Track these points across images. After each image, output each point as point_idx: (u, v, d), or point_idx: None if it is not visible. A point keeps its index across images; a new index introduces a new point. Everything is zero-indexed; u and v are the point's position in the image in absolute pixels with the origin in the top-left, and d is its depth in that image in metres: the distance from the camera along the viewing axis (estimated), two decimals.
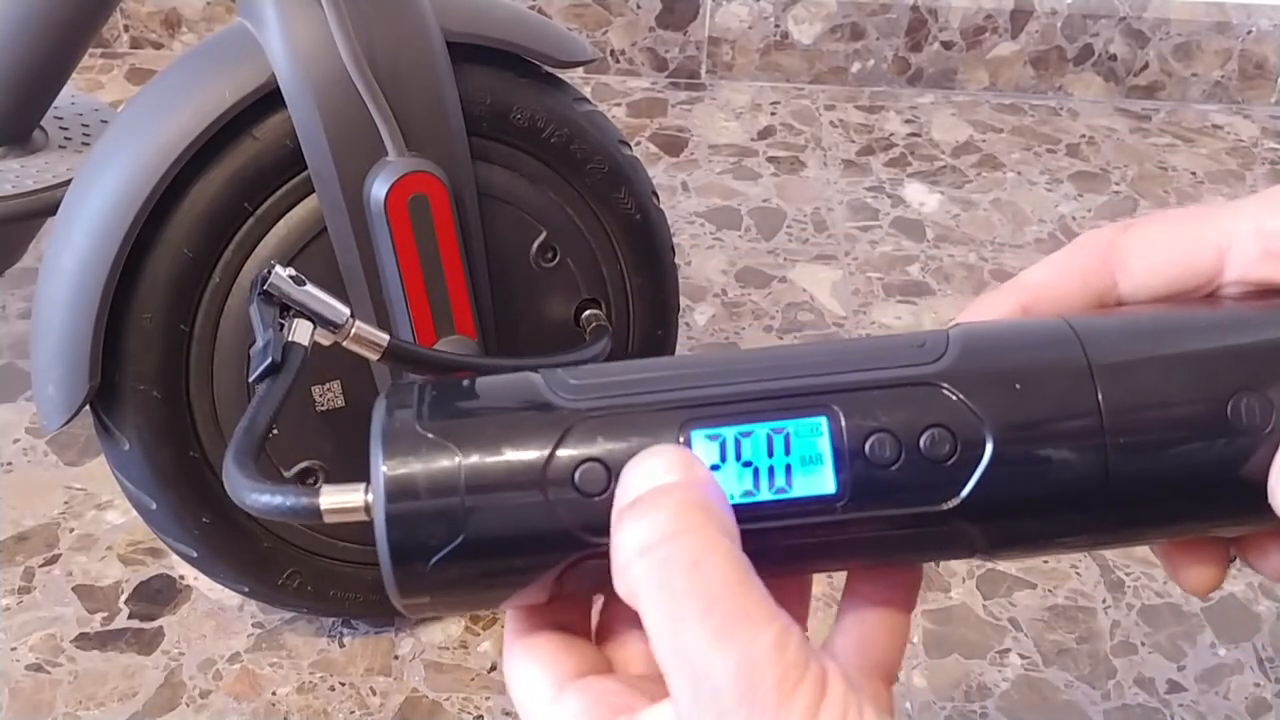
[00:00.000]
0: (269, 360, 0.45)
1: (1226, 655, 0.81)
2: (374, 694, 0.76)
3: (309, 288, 0.50)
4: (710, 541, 0.27)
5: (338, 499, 0.32)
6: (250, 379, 0.45)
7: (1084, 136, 1.42)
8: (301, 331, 0.49)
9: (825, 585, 0.82)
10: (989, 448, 0.30)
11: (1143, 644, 0.81)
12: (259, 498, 0.34)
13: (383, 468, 0.30)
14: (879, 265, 1.18)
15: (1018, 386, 0.31)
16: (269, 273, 0.50)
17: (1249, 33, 1.46)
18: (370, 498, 0.31)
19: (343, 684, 0.77)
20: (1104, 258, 0.35)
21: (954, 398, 0.31)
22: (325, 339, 0.52)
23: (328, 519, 0.32)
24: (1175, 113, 1.49)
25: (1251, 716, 0.77)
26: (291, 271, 0.50)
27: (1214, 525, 0.33)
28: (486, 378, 0.33)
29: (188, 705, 0.75)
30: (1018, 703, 0.77)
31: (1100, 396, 0.31)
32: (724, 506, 0.29)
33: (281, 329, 0.48)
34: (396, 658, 0.78)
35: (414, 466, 0.30)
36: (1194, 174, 1.36)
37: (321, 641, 0.79)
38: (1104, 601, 0.84)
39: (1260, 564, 0.34)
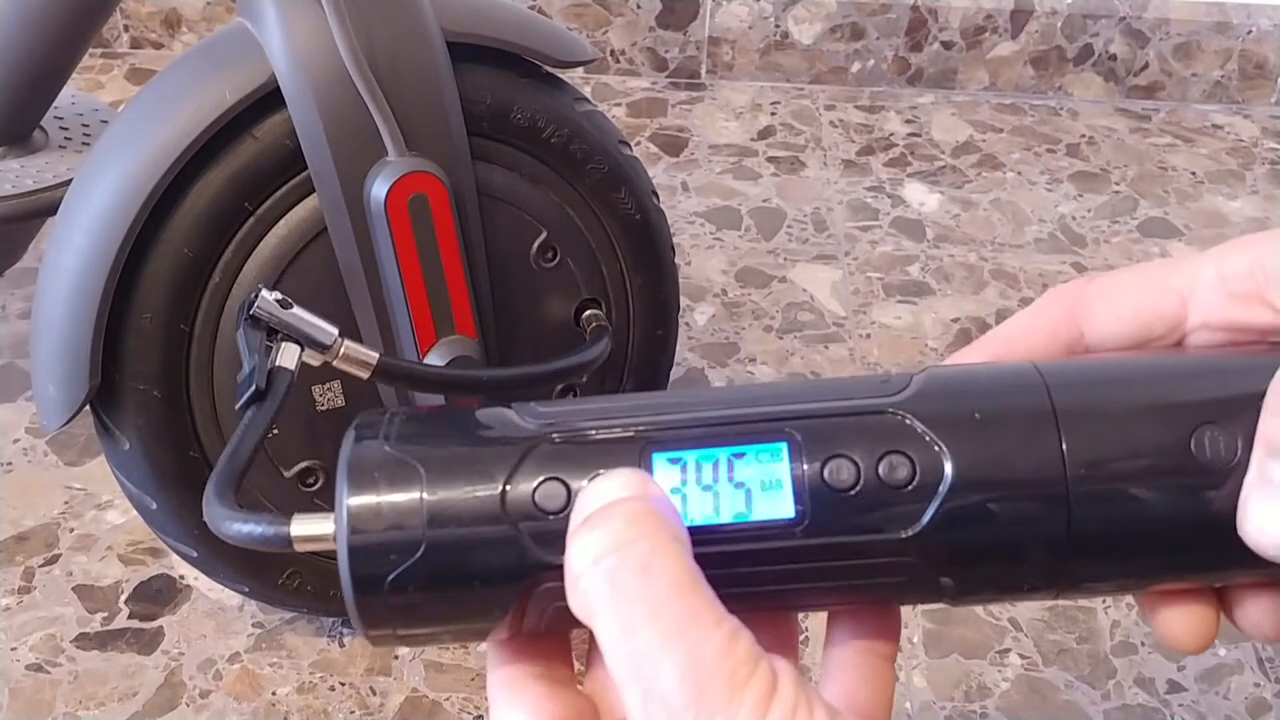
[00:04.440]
0: (253, 388, 0.45)
1: (1226, 655, 0.81)
2: (374, 694, 0.76)
3: (296, 310, 0.50)
4: (659, 547, 0.27)
5: (308, 529, 0.32)
6: (235, 406, 0.45)
7: (1084, 136, 1.42)
8: (288, 355, 0.49)
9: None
10: (948, 474, 0.30)
11: (1143, 644, 0.81)
12: (233, 526, 0.34)
13: (346, 500, 0.30)
14: (879, 265, 1.18)
15: (977, 416, 0.31)
16: (255, 296, 0.50)
17: (1249, 33, 1.46)
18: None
19: (343, 684, 0.77)
20: (1070, 309, 0.36)
21: (914, 426, 0.31)
22: (314, 359, 0.52)
23: (298, 548, 0.32)
24: (1175, 113, 1.49)
25: (1251, 716, 0.77)
26: (278, 295, 0.50)
27: (1186, 569, 0.32)
28: (456, 408, 0.34)
29: (188, 705, 0.75)
30: (1018, 703, 0.77)
31: (1059, 423, 0.31)
32: (676, 518, 0.29)
33: (268, 353, 0.48)
34: (396, 658, 0.78)
35: (377, 497, 0.30)
36: (1194, 174, 1.36)
37: (321, 641, 0.79)
38: (1104, 601, 0.84)
39: (1239, 618, 0.34)
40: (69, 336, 0.62)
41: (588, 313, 0.73)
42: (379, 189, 0.62)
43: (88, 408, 0.64)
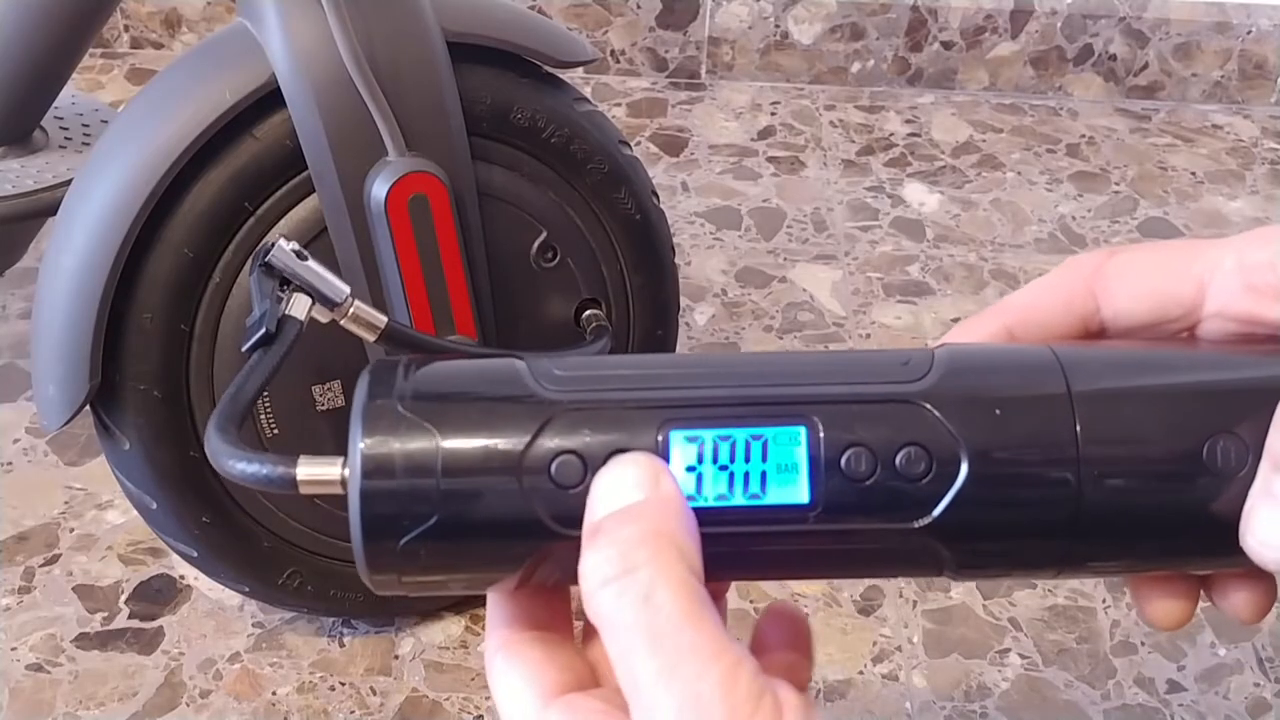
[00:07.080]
0: (263, 331, 0.45)
1: (1226, 655, 0.81)
2: (374, 694, 0.76)
3: (311, 263, 0.51)
4: (663, 573, 0.27)
5: (314, 471, 0.32)
6: (243, 348, 0.45)
7: (1084, 136, 1.42)
8: (299, 306, 0.49)
9: (824, 585, 0.82)
10: (964, 469, 0.30)
11: (1143, 644, 0.81)
12: (237, 465, 0.34)
13: (360, 444, 0.30)
14: (879, 265, 1.18)
15: (998, 412, 0.31)
16: (273, 245, 0.50)
17: (1249, 33, 1.46)
18: (346, 472, 0.31)
19: (343, 684, 0.77)
20: (1088, 282, 0.36)
21: (933, 417, 0.31)
22: (323, 316, 0.52)
23: (303, 490, 0.32)
24: (1175, 113, 1.49)
25: (1251, 716, 0.77)
26: (295, 245, 0.50)
27: (1182, 562, 0.33)
28: (471, 361, 0.33)
29: (188, 705, 0.75)
30: (1018, 703, 0.77)
31: (1078, 426, 0.31)
32: (686, 527, 0.29)
33: (279, 301, 0.48)
34: (396, 658, 0.78)
35: (392, 445, 0.30)
36: (1194, 174, 1.36)
37: (321, 641, 0.79)
38: (1104, 601, 0.84)
39: (1221, 601, 0.35)
40: (69, 336, 0.62)
41: (588, 313, 0.73)
42: (379, 189, 0.62)
43: (88, 408, 0.64)
